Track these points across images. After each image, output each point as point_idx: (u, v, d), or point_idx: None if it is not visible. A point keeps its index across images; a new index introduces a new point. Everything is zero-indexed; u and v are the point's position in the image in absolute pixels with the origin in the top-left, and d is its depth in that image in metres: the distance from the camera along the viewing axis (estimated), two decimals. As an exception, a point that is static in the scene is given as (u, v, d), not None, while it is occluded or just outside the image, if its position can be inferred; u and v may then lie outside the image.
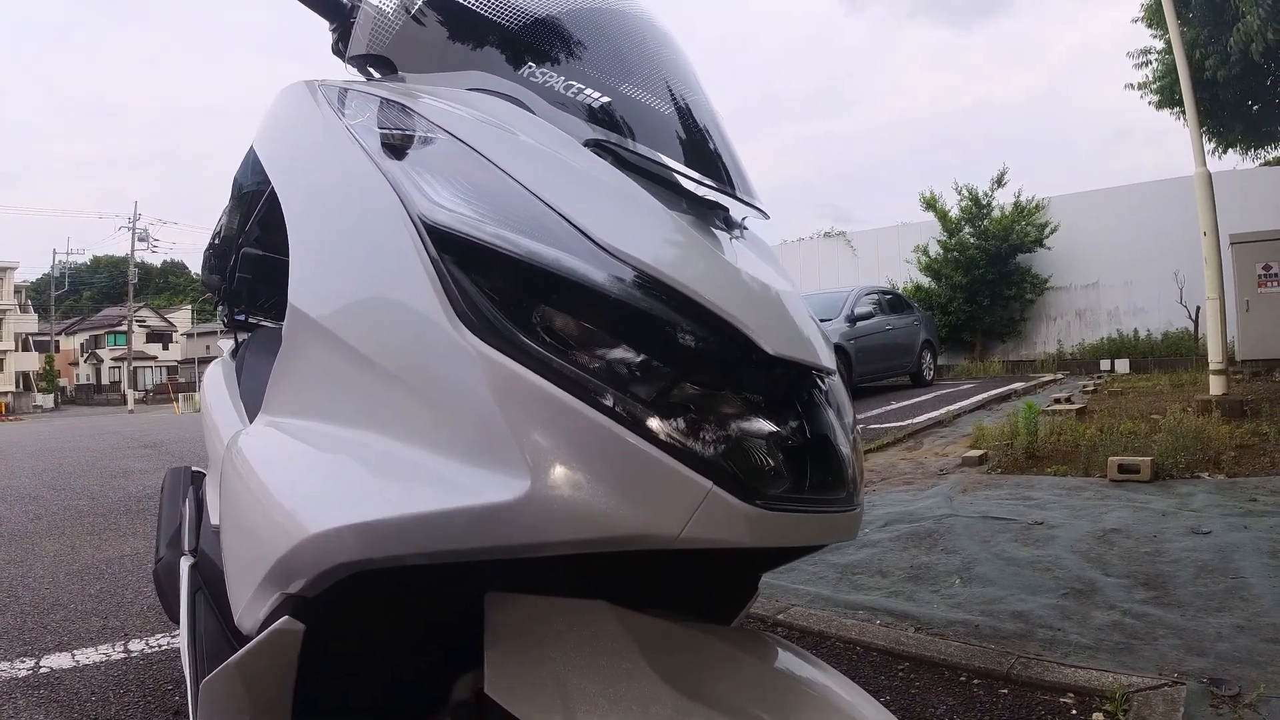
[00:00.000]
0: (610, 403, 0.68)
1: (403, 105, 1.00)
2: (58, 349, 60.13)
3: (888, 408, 9.87)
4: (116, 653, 2.76)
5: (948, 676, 2.31)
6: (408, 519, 0.71)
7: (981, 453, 5.85)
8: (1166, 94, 10.68)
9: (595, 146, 0.94)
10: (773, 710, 0.76)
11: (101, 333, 63.88)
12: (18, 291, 52.31)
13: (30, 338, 54.30)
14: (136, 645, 2.84)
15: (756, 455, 0.71)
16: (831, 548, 3.70)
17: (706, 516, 0.68)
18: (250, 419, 1.50)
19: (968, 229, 16.19)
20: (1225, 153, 11.77)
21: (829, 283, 16.87)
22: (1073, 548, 3.47)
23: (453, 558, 0.71)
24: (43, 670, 2.62)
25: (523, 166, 0.85)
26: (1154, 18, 10.26)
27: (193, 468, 2.30)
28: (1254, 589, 2.79)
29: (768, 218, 1.09)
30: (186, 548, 1.74)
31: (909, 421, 8.34)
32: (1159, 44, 10.66)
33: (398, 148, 0.92)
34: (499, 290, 0.74)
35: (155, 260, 77.46)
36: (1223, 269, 7.38)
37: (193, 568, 1.56)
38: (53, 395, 51.20)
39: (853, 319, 11.73)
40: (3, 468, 9.30)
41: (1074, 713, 2.05)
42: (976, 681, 2.26)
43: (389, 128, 0.97)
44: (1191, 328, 13.55)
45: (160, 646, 2.81)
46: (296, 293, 0.96)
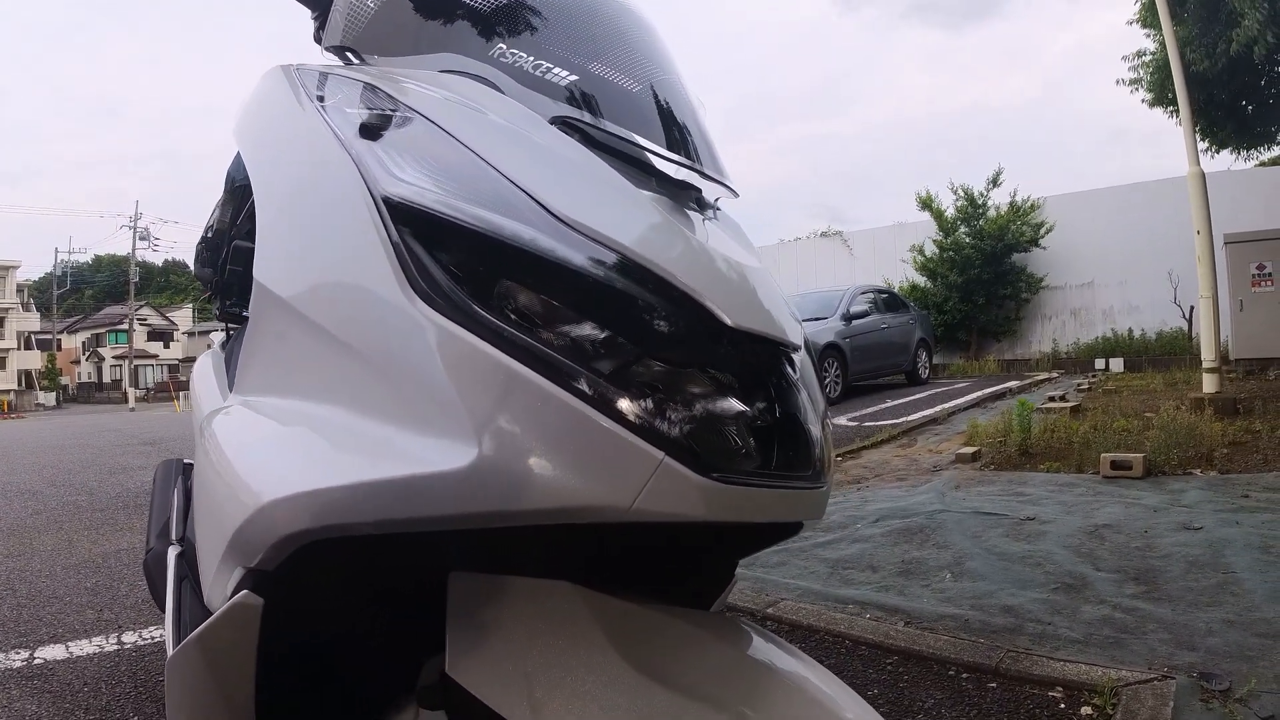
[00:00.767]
0: (562, 374, 0.68)
1: (375, 87, 1.01)
2: (59, 347, 60.09)
3: (882, 405, 9.87)
4: (110, 644, 2.77)
5: (936, 670, 2.30)
6: (356, 486, 0.70)
7: (975, 449, 5.85)
8: (1159, 91, 10.68)
9: (562, 124, 0.94)
10: (741, 695, 0.75)
11: (103, 331, 63.78)
12: (20, 290, 52.31)
13: (32, 336, 54.35)
14: (130, 637, 2.84)
15: (712, 428, 0.71)
16: (823, 543, 3.69)
17: (659, 488, 0.67)
18: None
19: (963, 229, 16.20)
20: (1219, 152, 11.78)
21: (825, 282, 16.87)
22: (1064, 543, 3.46)
23: (402, 527, 0.70)
24: (37, 661, 2.62)
25: (488, 144, 0.85)
26: (1148, 18, 10.26)
27: (184, 460, 2.29)
28: (1244, 584, 2.79)
29: (736, 195, 1.10)
30: (174, 537, 1.73)
31: (903, 419, 8.34)
32: (1152, 44, 10.66)
33: (368, 127, 0.93)
34: (455, 262, 0.74)
35: (157, 259, 77.39)
36: (1216, 268, 7.38)
37: (179, 556, 1.55)
38: (54, 393, 51.10)
39: (848, 317, 11.73)
40: (3, 464, 9.27)
41: (1063, 707, 2.04)
42: (965, 675, 2.25)
43: (360, 109, 0.97)
44: (1185, 327, 13.57)
45: (153, 639, 2.81)
46: (261, 270, 0.97)
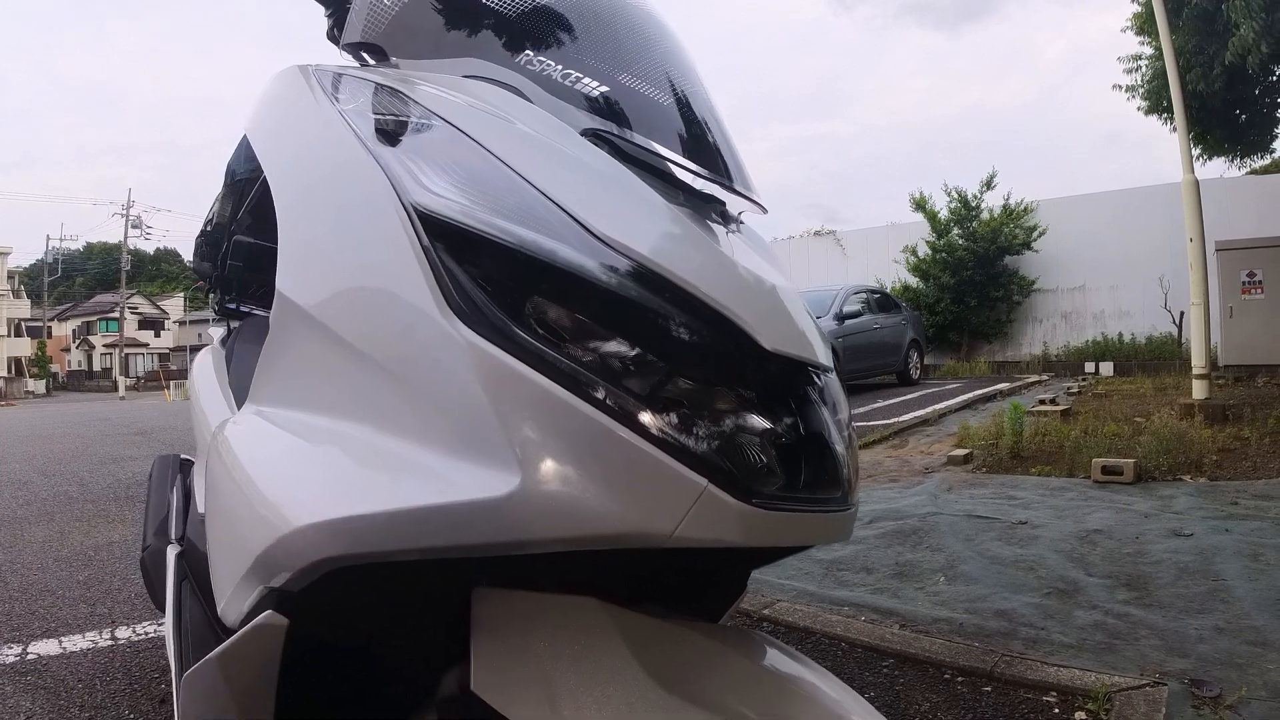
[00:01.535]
0: (604, 397, 0.67)
1: (397, 91, 0.98)
2: (50, 335, 59.83)
3: (874, 405, 9.90)
4: (104, 640, 2.76)
5: (932, 674, 2.32)
6: (394, 514, 0.69)
7: (967, 452, 5.89)
8: (1155, 99, 10.72)
9: (592, 136, 0.92)
10: (759, 707, 0.76)
11: (94, 319, 63.46)
12: (11, 277, 51.88)
13: (23, 323, 53.99)
14: (124, 633, 2.83)
15: (752, 453, 0.70)
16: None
17: (701, 515, 0.67)
18: (238, 408, 1.49)
19: (956, 231, 16.24)
20: (1211, 159, 11.84)
21: (818, 281, 16.88)
22: (1056, 547, 3.49)
23: (440, 554, 0.69)
24: (30, 657, 2.60)
25: (519, 155, 0.83)
26: (1144, 25, 10.29)
27: (181, 455, 2.29)
28: (1235, 591, 2.82)
29: (765, 211, 1.07)
30: (174, 536, 1.73)
31: (895, 420, 8.37)
32: (1148, 50, 10.70)
33: (391, 133, 0.91)
34: (492, 280, 0.72)
35: (148, 247, 76.57)
36: (1208, 275, 7.43)
37: (179, 556, 1.55)
38: (45, 381, 50.93)
39: (841, 317, 11.77)
40: (-6, 453, 9.20)
41: (1056, 711, 2.06)
42: (960, 679, 2.27)
43: (383, 113, 0.95)
44: (1175, 332, 13.66)
45: (147, 634, 2.80)
46: (284, 280, 0.94)
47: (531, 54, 1.03)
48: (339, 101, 1.01)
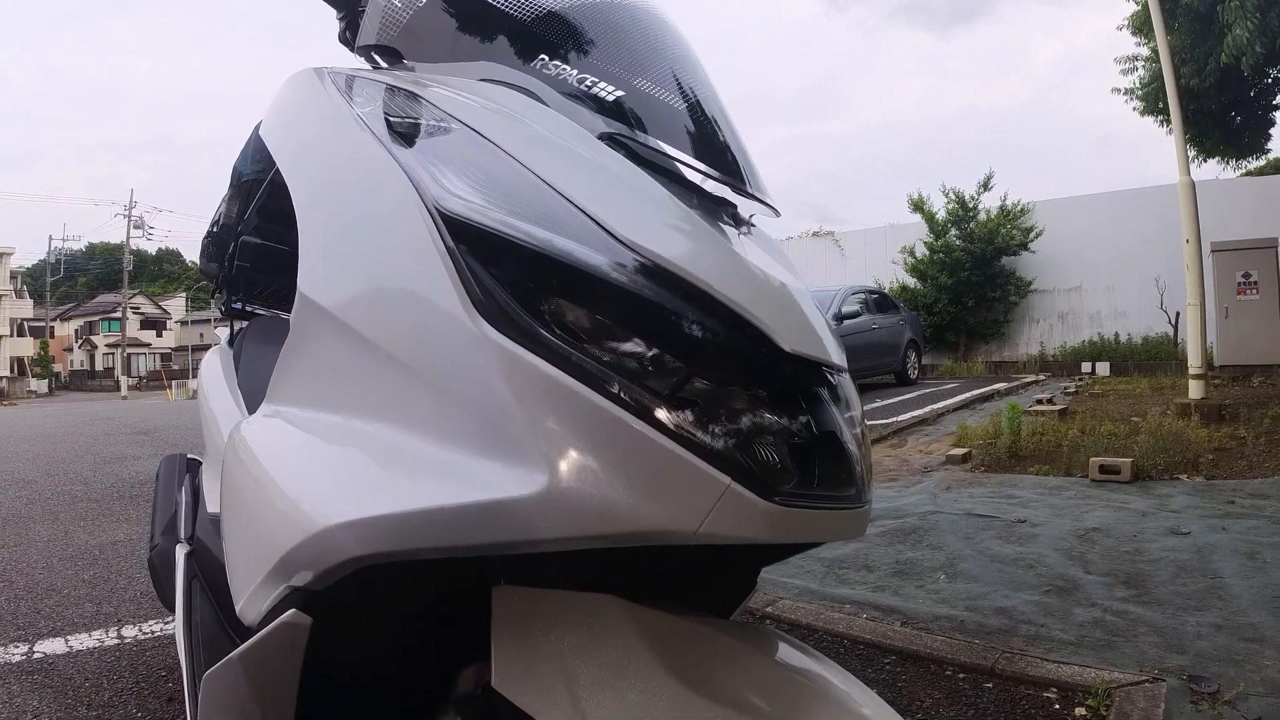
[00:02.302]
0: (629, 397, 0.68)
1: (412, 93, 0.98)
2: (52, 335, 59.84)
3: (873, 405, 9.92)
4: (110, 638, 2.77)
5: (934, 670, 2.35)
6: (422, 513, 0.69)
7: (965, 451, 5.91)
8: (1151, 101, 10.77)
9: (608, 140, 0.93)
10: (773, 702, 0.77)
11: (96, 319, 63.53)
12: (13, 277, 51.87)
13: (25, 323, 53.98)
14: (130, 631, 2.84)
15: (770, 451, 0.71)
16: (818, 543, 3.74)
17: (724, 512, 0.68)
18: (250, 409, 1.50)
19: (954, 231, 16.28)
20: (1205, 161, 11.89)
21: (817, 281, 16.91)
22: (1055, 546, 3.52)
23: (467, 552, 0.69)
24: (37, 655, 2.62)
25: (536, 156, 0.83)
26: (1140, 26, 10.34)
27: (188, 455, 2.30)
28: (1232, 589, 2.85)
29: (778, 214, 1.08)
30: (183, 535, 1.73)
31: (894, 419, 8.40)
32: (1144, 50, 10.75)
33: (409, 136, 0.91)
34: (516, 282, 0.73)
35: (151, 247, 76.56)
36: (1203, 276, 7.47)
37: (189, 556, 1.56)
38: (47, 381, 50.94)
39: (839, 317, 11.81)
40: (-2, 452, 9.20)
41: (1057, 707, 2.09)
42: (962, 676, 2.30)
43: (399, 115, 0.95)
44: (1171, 332, 13.70)
45: (153, 633, 2.81)
46: (306, 281, 0.94)
47: (546, 58, 1.03)
48: (355, 104, 1.01)
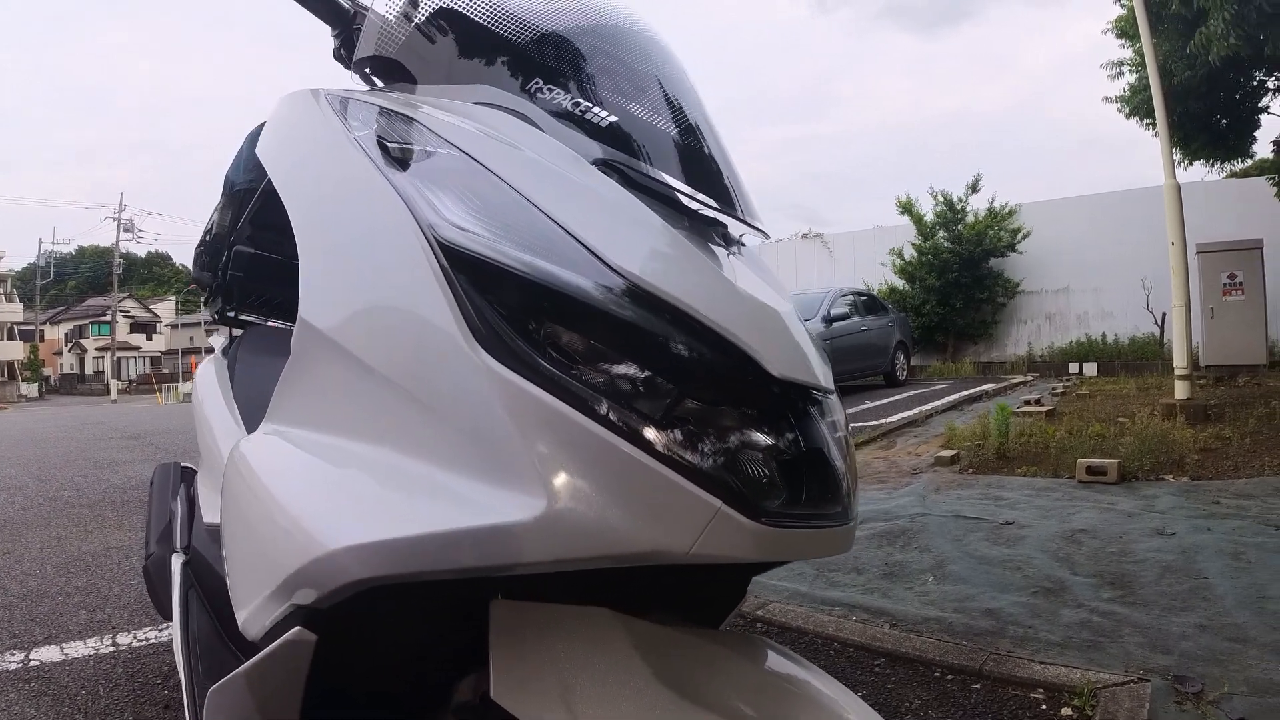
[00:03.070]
0: (622, 422, 0.70)
1: (408, 116, 0.99)
2: (42, 338, 59.79)
3: (862, 407, 9.96)
4: (105, 646, 2.76)
5: (922, 672, 2.37)
6: (426, 537, 0.71)
7: (954, 453, 5.95)
8: (1137, 104, 10.83)
9: (603, 165, 0.94)
10: (763, 709, 0.79)
11: (86, 323, 63.39)
12: (3, 280, 51.84)
13: (15, 327, 53.97)
14: (125, 639, 2.83)
15: (760, 473, 0.74)
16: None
17: (715, 534, 0.70)
18: (246, 421, 1.50)
19: (942, 233, 16.35)
20: (1191, 164, 11.97)
21: (806, 283, 16.96)
22: (1042, 547, 3.55)
23: (469, 574, 0.71)
24: (32, 663, 2.61)
25: (531, 182, 0.85)
26: (1125, 30, 10.40)
27: (182, 463, 2.30)
28: (1216, 589, 2.88)
29: (768, 237, 1.10)
30: (178, 545, 1.73)
31: (883, 421, 8.44)
32: (1128, 54, 10.81)
33: (405, 160, 0.92)
34: (512, 309, 0.75)
35: (140, 251, 76.56)
36: (1189, 277, 7.54)
37: (185, 565, 1.56)
38: (37, 385, 50.80)
39: (829, 320, 11.86)
40: (-11, 457, 9.12)
41: (1044, 708, 2.11)
42: (950, 677, 2.32)
43: (395, 139, 0.96)
44: (1157, 333, 13.79)
45: (148, 640, 2.81)
46: (307, 307, 0.95)
47: (541, 82, 1.04)
48: (351, 128, 1.02)
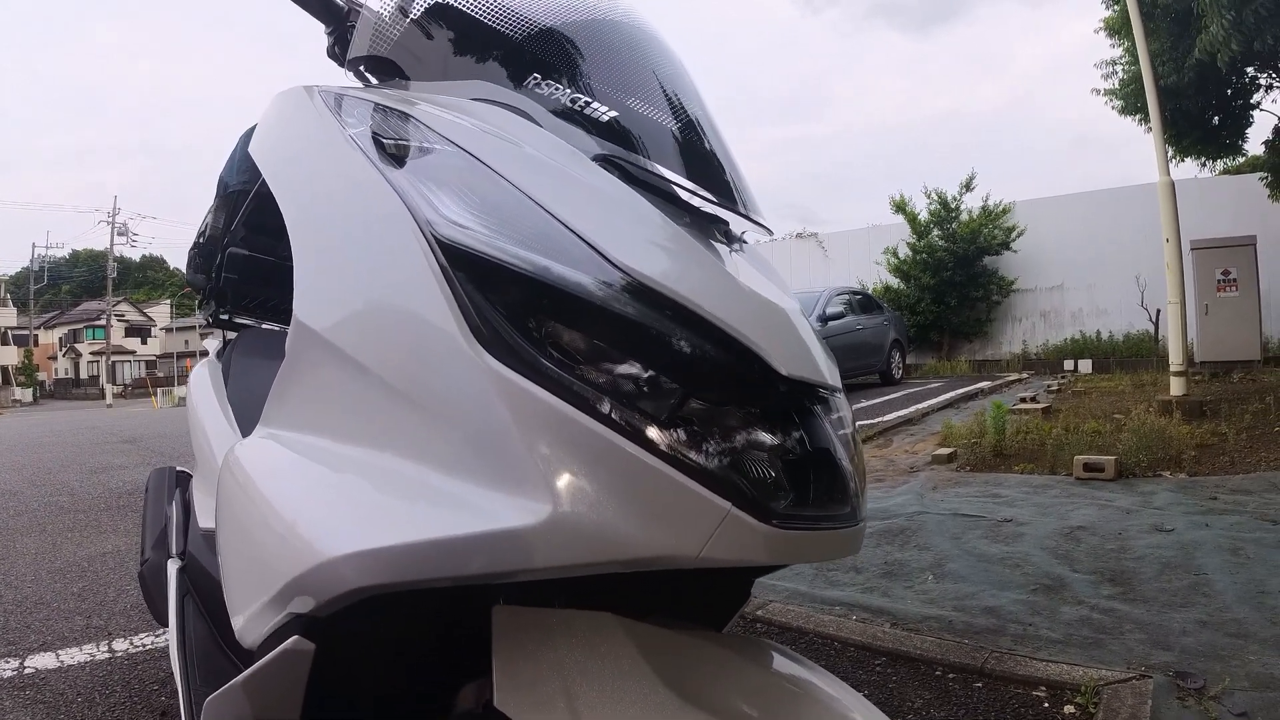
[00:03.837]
0: (628, 423, 0.68)
1: (404, 113, 0.97)
2: (36, 343, 59.71)
3: (858, 405, 9.97)
4: (101, 653, 2.74)
5: (923, 671, 2.37)
6: (428, 544, 0.69)
7: (951, 451, 5.96)
8: (1131, 101, 10.87)
9: (603, 161, 0.92)
10: (768, 712, 0.78)
11: (80, 327, 63.35)
12: (-4, 285, 51.65)
13: (9, 331, 53.88)
14: (121, 645, 2.82)
15: (769, 474, 0.72)
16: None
17: (725, 537, 0.69)
18: (240, 424, 1.49)
19: (936, 232, 16.38)
20: (1184, 161, 12.00)
21: (800, 283, 16.97)
22: (1041, 545, 3.56)
23: (470, 581, 0.69)
24: (28, 670, 2.59)
25: (531, 179, 0.83)
26: (1116, 28, 10.43)
27: (177, 468, 2.28)
28: (1215, 585, 2.89)
29: (771, 234, 1.08)
30: (174, 550, 1.71)
31: (879, 419, 8.44)
32: (1119, 52, 10.84)
33: (402, 157, 0.90)
34: (513, 308, 0.73)
35: (135, 254, 76.57)
36: (1184, 273, 7.55)
37: (180, 571, 1.54)
38: (31, 389, 50.68)
39: (824, 319, 11.87)
40: (-18, 462, 9.09)
41: (1046, 705, 2.11)
42: (952, 676, 2.32)
43: (392, 136, 0.93)
44: (1152, 330, 13.82)
45: (144, 646, 2.79)
46: (301, 307, 0.92)
47: (539, 77, 1.02)
48: (346, 125, 0.99)
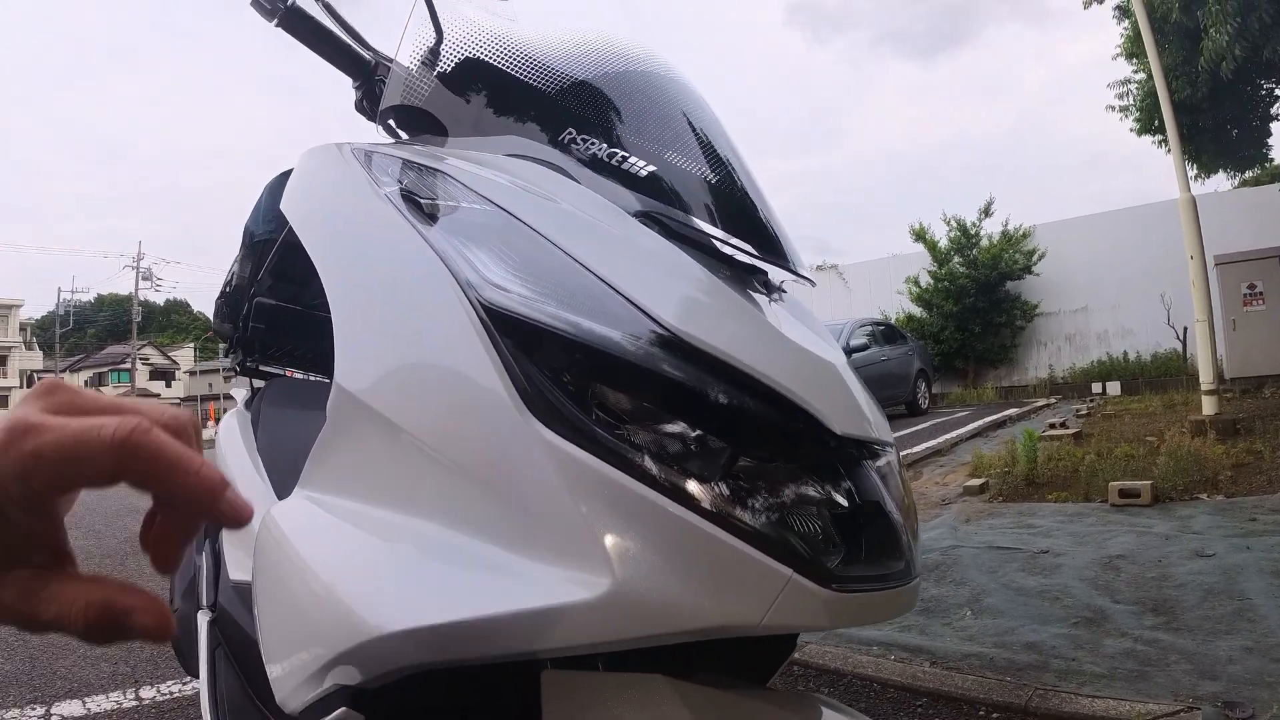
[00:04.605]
0: (686, 490, 0.66)
1: (437, 170, 0.96)
2: (62, 386, 60.57)
3: (885, 438, 9.88)
4: (128, 700, 2.76)
5: (966, 711, 2.34)
6: (484, 621, 0.67)
7: (982, 481, 5.89)
8: (1147, 119, 10.89)
9: (643, 218, 0.90)
10: None
11: (105, 370, 64.22)
12: (23, 329, 52.57)
13: (35, 375, 54.61)
14: (148, 693, 2.83)
15: (827, 537, 0.70)
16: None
17: (787, 603, 0.67)
18: (273, 480, 1.51)
19: (957, 259, 16.36)
20: (1207, 178, 12.00)
21: (823, 315, 16.79)
22: (1080, 575, 3.51)
23: (530, 656, 0.68)
24: (54, 717, 2.61)
25: (571, 238, 0.81)
26: (1132, 50, 10.49)
27: None
28: (1260, 610, 2.84)
29: (813, 285, 1.07)
30: (204, 602, 1.72)
31: (908, 451, 8.38)
32: (1140, 75, 10.89)
33: (436, 215, 0.88)
34: (560, 372, 0.71)
35: (159, 299, 77.92)
36: (1209, 290, 7.50)
37: (212, 624, 1.54)
38: (56, 433, 51.43)
39: (848, 351, 11.85)
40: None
41: (1093, 742, 2.08)
42: (996, 715, 2.29)
43: (427, 194, 0.92)
44: (1180, 348, 13.66)
45: (171, 694, 2.81)
46: (342, 371, 0.90)
47: (574, 132, 1.00)
48: (380, 183, 0.98)
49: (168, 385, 65.07)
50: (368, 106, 1.44)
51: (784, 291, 1.03)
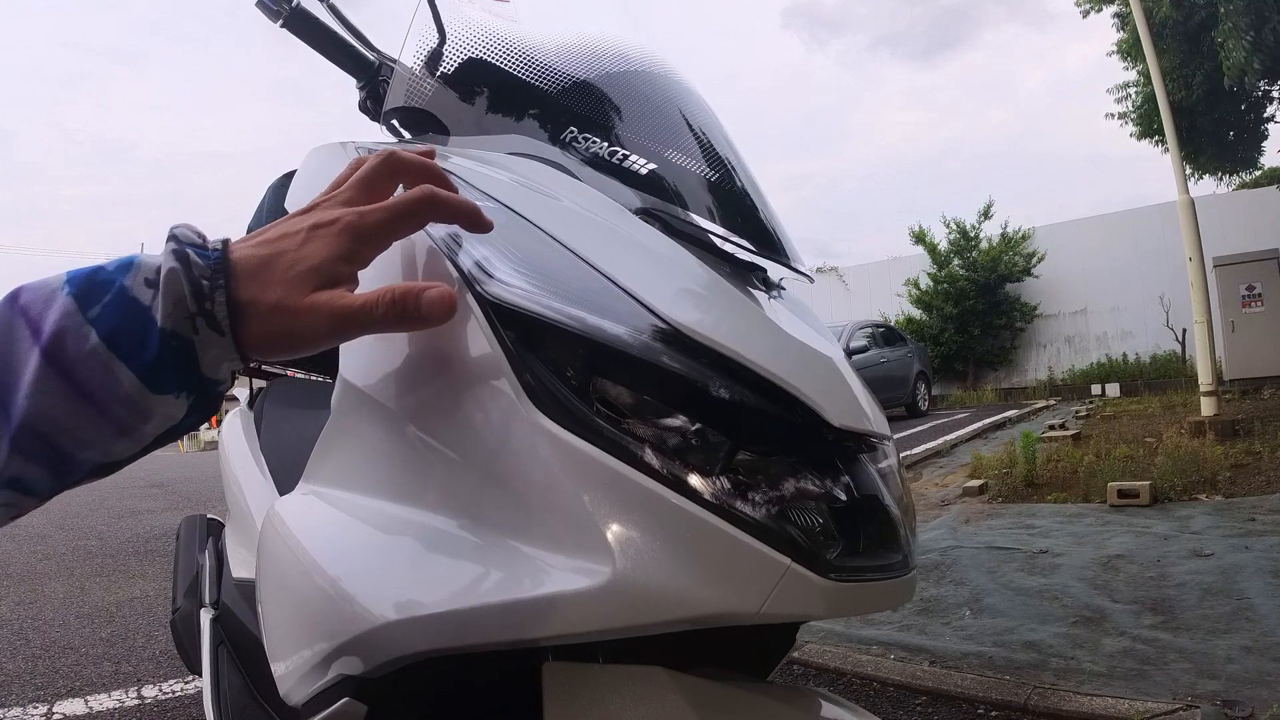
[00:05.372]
0: (687, 481, 0.67)
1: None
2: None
3: (885, 440, 9.88)
4: (130, 699, 2.77)
5: (966, 709, 2.35)
6: (483, 609, 0.68)
7: (981, 482, 5.90)
8: (1145, 123, 10.91)
9: (644, 215, 0.91)
10: None
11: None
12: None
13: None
14: (150, 691, 2.84)
15: (825, 527, 0.71)
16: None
17: (785, 593, 0.68)
18: (276, 479, 1.52)
19: (957, 261, 16.38)
20: (1203, 178, 12.00)
21: (822, 317, 16.67)
22: (1079, 575, 3.51)
23: (531, 644, 0.69)
24: (56, 716, 2.62)
25: (574, 234, 0.82)
26: (1129, 51, 10.50)
27: (208, 516, 2.31)
28: (1259, 609, 2.84)
29: (812, 281, 1.07)
30: (207, 600, 1.72)
31: (907, 453, 8.38)
32: (1133, 75, 10.91)
33: None
34: (564, 366, 0.72)
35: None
36: (1208, 291, 7.51)
37: (214, 621, 1.55)
38: (58, 434, 51.37)
39: (848, 353, 11.81)
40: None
41: (1092, 740, 2.09)
42: (995, 713, 2.30)
43: None
44: (1179, 349, 13.69)
45: (173, 693, 2.81)
46: (347, 365, 0.92)
47: (575, 130, 1.02)
48: None
49: (168, 386, 65.03)
50: (371, 106, 1.45)
51: (783, 289, 1.04)
